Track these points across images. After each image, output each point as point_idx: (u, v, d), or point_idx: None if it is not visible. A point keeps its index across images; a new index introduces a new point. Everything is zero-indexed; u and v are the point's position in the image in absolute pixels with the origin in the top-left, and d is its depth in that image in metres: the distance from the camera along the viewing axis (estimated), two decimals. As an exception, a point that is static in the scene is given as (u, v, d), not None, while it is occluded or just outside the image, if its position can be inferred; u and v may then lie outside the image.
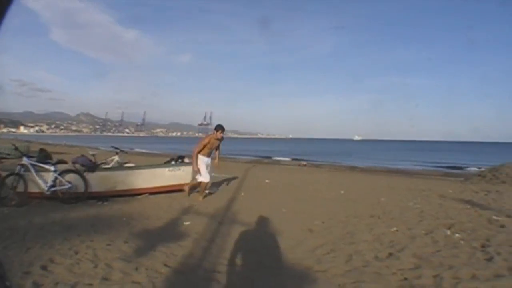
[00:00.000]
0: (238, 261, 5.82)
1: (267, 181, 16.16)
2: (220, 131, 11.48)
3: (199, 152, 11.33)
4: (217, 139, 11.50)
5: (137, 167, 12.13)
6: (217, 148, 11.75)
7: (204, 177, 11.31)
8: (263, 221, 8.46)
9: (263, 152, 64.88)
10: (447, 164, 41.37)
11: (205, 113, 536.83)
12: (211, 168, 11.75)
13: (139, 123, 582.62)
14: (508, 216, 9.15)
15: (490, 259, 5.82)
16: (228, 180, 15.48)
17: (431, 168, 36.50)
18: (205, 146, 11.36)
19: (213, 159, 11.76)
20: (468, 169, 35.23)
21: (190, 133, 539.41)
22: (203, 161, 11.33)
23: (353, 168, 33.27)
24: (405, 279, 5.03)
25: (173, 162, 12.31)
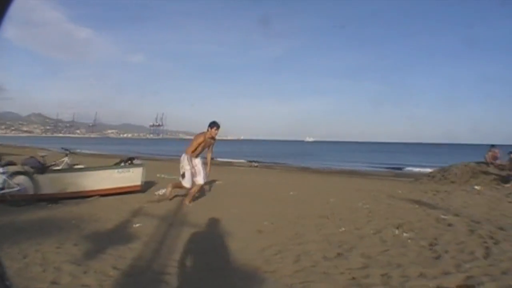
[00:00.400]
0: (188, 262, 5.83)
1: (218, 182, 16.05)
2: (215, 128, 10.70)
3: (193, 152, 10.63)
4: (212, 138, 10.78)
5: (87, 169, 12.02)
6: (210, 149, 11.02)
7: (186, 183, 10.66)
8: (213, 223, 8.44)
9: (215, 154, 64.61)
10: (394, 165, 42.18)
11: (157, 114, 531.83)
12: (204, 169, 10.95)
13: (90, 124, 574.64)
14: (456, 215, 9.32)
15: (437, 257, 5.96)
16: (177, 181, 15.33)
17: (382, 169, 37.04)
18: (199, 145, 10.67)
19: (205, 164, 10.97)
20: (407, 169, 36.22)
21: (142, 134, 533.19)
22: (189, 161, 10.64)
23: (304, 169, 33.55)
24: (353, 278, 5.08)
25: (122, 164, 12.14)
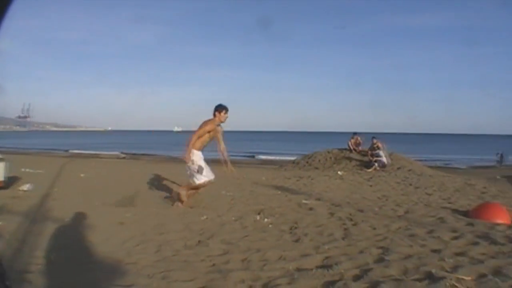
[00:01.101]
0: (51, 259, 5.53)
1: (82, 175, 15.61)
2: (224, 112, 8.84)
3: (201, 145, 8.91)
4: (219, 125, 9.02)
5: None
6: (220, 141, 9.28)
7: (206, 175, 8.94)
8: (76, 217, 8.14)
9: (82, 146, 62.96)
10: (256, 153, 43.35)
11: (24, 105, 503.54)
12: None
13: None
14: (317, 199, 9.61)
15: (297, 240, 6.11)
16: (42, 176, 14.73)
17: (247, 158, 37.85)
18: (208, 134, 8.89)
19: (223, 162, 9.69)
20: (271, 157, 37.50)
21: (8, 127, 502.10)
22: (199, 156, 8.90)
23: (173, 159, 33.47)
24: (214, 265, 5.08)
25: None
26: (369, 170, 18.15)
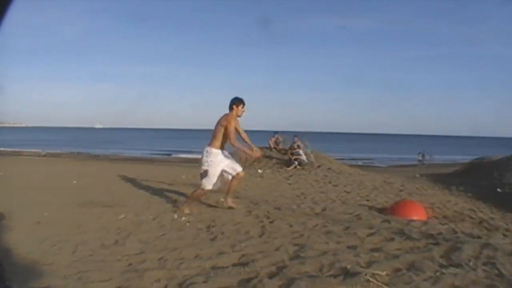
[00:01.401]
0: None
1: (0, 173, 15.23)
2: (242, 106, 8.39)
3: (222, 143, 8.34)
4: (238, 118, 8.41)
5: None
6: (238, 131, 8.54)
7: (208, 183, 8.27)
8: (-8, 217, 7.93)
9: (1, 143, 60.64)
10: (173, 151, 43.42)
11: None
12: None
13: None
14: (235, 197, 9.66)
15: (214, 239, 6.18)
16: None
17: (163, 155, 37.83)
18: (223, 129, 8.23)
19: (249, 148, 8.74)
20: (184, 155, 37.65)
21: None
22: (218, 156, 8.35)
23: (95, 157, 33.00)
24: (130, 264, 5.09)
25: None
26: (289, 168, 18.44)
